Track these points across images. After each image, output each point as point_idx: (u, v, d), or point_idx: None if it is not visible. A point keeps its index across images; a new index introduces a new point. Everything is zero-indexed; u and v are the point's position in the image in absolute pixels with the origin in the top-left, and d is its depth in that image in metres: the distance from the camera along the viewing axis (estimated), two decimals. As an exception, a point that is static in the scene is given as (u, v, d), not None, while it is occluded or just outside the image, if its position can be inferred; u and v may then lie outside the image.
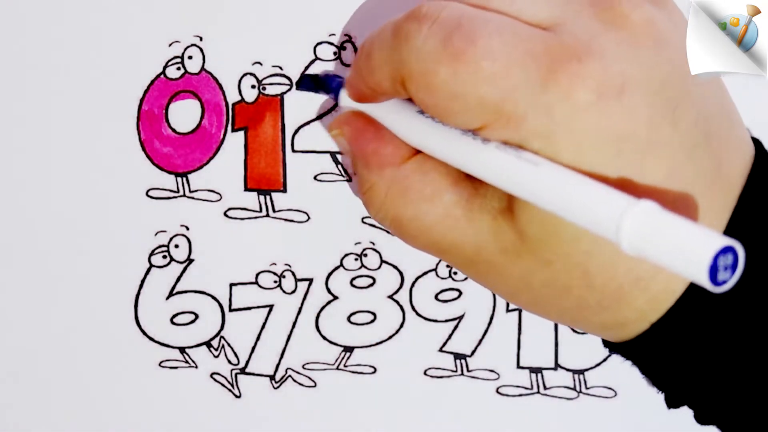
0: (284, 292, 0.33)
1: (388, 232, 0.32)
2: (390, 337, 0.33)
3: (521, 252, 0.24)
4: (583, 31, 0.23)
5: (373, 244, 0.32)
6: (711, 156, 0.23)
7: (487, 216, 0.25)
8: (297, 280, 0.33)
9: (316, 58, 0.31)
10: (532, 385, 0.33)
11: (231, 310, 0.33)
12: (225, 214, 0.32)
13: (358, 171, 0.27)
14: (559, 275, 0.24)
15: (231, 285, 0.33)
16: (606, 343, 0.27)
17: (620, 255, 0.22)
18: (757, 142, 0.26)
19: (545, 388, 0.33)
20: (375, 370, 0.33)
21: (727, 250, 0.20)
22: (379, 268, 0.32)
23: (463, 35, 0.23)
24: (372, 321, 0.33)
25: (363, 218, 0.32)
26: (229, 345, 0.33)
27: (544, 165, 0.22)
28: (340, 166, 0.32)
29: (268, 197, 0.32)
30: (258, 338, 0.33)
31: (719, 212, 0.23)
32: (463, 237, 0.25)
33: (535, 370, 0.33)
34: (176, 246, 0.32)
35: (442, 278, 0.32)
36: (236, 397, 0.33)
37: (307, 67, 0.31)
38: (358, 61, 0.26)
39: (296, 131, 0.32)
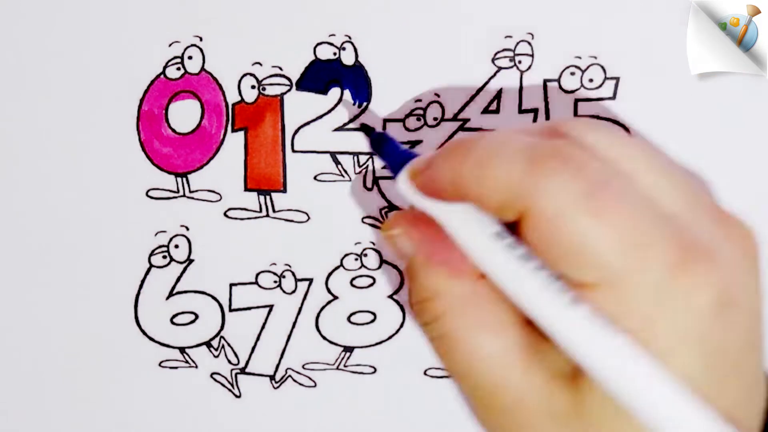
0: (284, 292, 0.33)
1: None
2: (390, 337, 0.33)
3: (569, 423, 0.23)
4: (708, 235, 0.22)
5: (373, 244, 0.32)
6: (761, 398, 0.23)
7: (546, 373, 0.23)
8: (297, 280, 0.33)
9: (316, 58, 0.31)
10: (532, 385, 0.33)
11: (231, 310, 0.33)
12: (225, 214, 0.32)
13: (417, 276, 0.25)
14: None
15: (231, 285, 0.33)
16: None
17: None
18: None
19: (545, 388, 0.33)
20: (375, 370, 0.33)
21: None
22: (379, 268, 0.32)
23: (610, 195, 0.22)
24: (372, 321, 0.33)
25: (363, 218, 0.32)
26: (229, 345, 0.33)
27: (641, 359, 0.21)
28: (340, 166, 0.32)
29: (268, 197, 0.32)
30: (258, 338, 0.33)
31: None
32: (508, 383, 0.23)
33: (535, 370, 0.33)
34: (176, 246, 0.32)
35: (442, 278, 0.32)
36: (236, 397, 0.33)
37: (308, 68, 0.31)
38: (459, 162, 0.23)
39: (296, 131, 0.32)
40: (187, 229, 0.32)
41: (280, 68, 0.31)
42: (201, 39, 0.31)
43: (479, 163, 0.23)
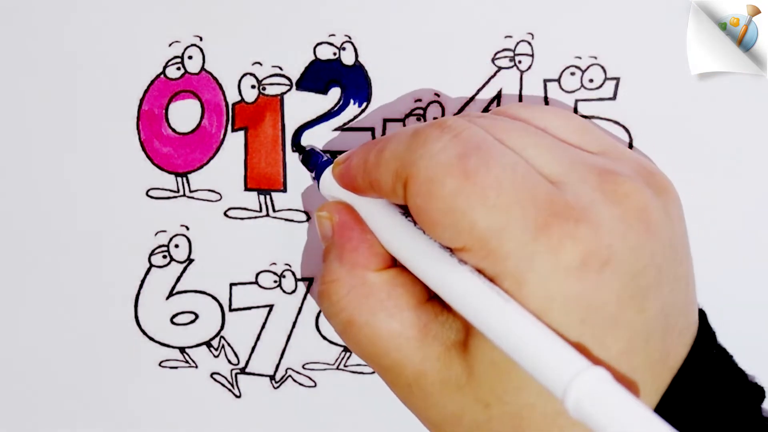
0: (284, 292, 0.33)
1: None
2: (390, 337, 0.33)
3: (463, 388, 0.24)
4: (585, 196, 0.23)
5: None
6: (662, 348, 0.24)
7: (440, 345, 0.25)
8: (297, 280, 0.33)
9: (316, 58, 0.31)
10: (532, 385, 0.33)
11: (231, 310, 0.33)
12: (225, 214, 0.32)
13: (329, 261, 0.27)
14: (492, 421, 0.24)
15: (231, 285, 0.33)
16: None
17: (556, 418, 0.23)
18: (702, 317, 0.26)
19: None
20: (375, 370, 0.33)
21: None
22: (379, 268, 0.32)
23: (480, 158, 0.23)
24: (372, 321, 0.33)
25: (363, 218, 0.32)
26: (229, 345, 0.33)
27: (513, 304, 0.22)
28: (340, 166, 0.32)
29: (268, 197, 0.32)
30: (258, 338, 0.33)
31: (652, 398, 0.24)
32: (408, 358, 0.25)
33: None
34: (176, 246, 0.32)
35: (442, 278, 0.32)
36: (236, 397, 0.33)
37: (308, 68, 0.31)
38: (367, 152, 0.26)
39: (296, 131, 0.32)
40: (187, 228, 0.32)
41: (280, 68, 0.31)
42: (201, 39, 0.31)
43: (378, 151, 0.25)
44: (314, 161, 0.30)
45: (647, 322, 0.23)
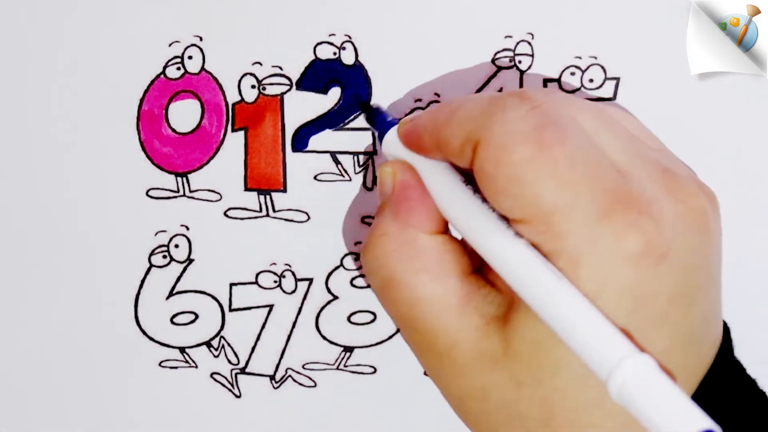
0: (284, 292, 0.33)
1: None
2: (390, 337, 0.33)
3: (497, 363, 0.24)
4: (649, 190, 0.23)
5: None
6: (698, 354, 0.24)
7: (480, 317, 0.25)
8: (297, 280, 0.33)
9: (316, 58, 0.31)
10: (532, 385, 0.33)
11: (231, 310, 0.33)
12: (225, 214, 0.32)
13: (382, 216, 0.27)
14: (522, 400, 0.24)
15: (231, 285, 0.33)
16: None
17: (588, 406, 0.22)
18: (725, 330, 0.26)
19: (545, 388, 0.33)
20: (375, 370, 0.33)
21: None
22: (379, 268, 0.32)
23: (556, 132, 0.23)
24: (372, 321, 0.33)
25: (363, 218, 0.32)
26: (229, 345, 0.33)
27: (566, 281, 0.22)
28: (339, 166, 0.32)
29: (268, 197, 0.32)
30: (258, 338, 0.33)
31: None
32: (445, 325, 0.25)
33: (535, 370, 0.33)
34: (176, 246, 0.32)
35: (442, 278, 0.32)
36: (236, 397, 0.33)
37: (308, 67, 0.31)
38: (439, 110, 0.26)
39: (296, 131, 0.32)
40: (187, 228, 0.32)
41: (280, 68, 0.31)
42: (201, 39, 0.31)
43: (452, 110, 0.25)
44: (379, 120, 0.30)
45: (691, 324, 0.23)
